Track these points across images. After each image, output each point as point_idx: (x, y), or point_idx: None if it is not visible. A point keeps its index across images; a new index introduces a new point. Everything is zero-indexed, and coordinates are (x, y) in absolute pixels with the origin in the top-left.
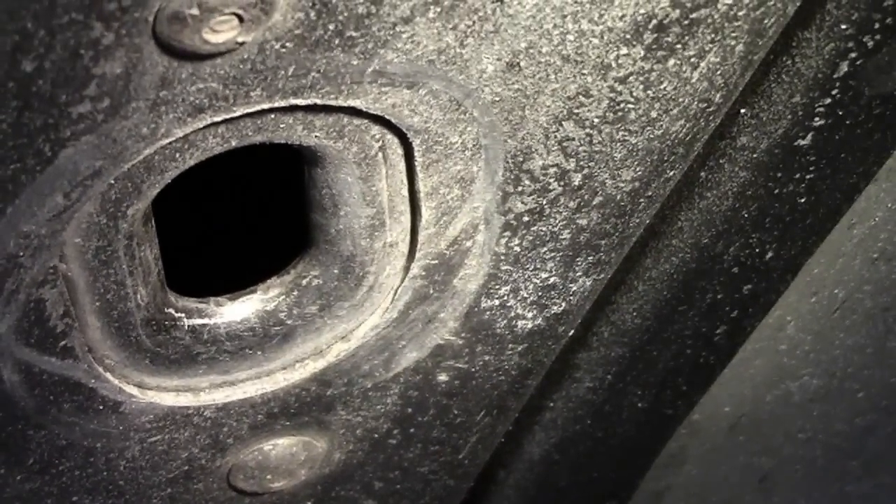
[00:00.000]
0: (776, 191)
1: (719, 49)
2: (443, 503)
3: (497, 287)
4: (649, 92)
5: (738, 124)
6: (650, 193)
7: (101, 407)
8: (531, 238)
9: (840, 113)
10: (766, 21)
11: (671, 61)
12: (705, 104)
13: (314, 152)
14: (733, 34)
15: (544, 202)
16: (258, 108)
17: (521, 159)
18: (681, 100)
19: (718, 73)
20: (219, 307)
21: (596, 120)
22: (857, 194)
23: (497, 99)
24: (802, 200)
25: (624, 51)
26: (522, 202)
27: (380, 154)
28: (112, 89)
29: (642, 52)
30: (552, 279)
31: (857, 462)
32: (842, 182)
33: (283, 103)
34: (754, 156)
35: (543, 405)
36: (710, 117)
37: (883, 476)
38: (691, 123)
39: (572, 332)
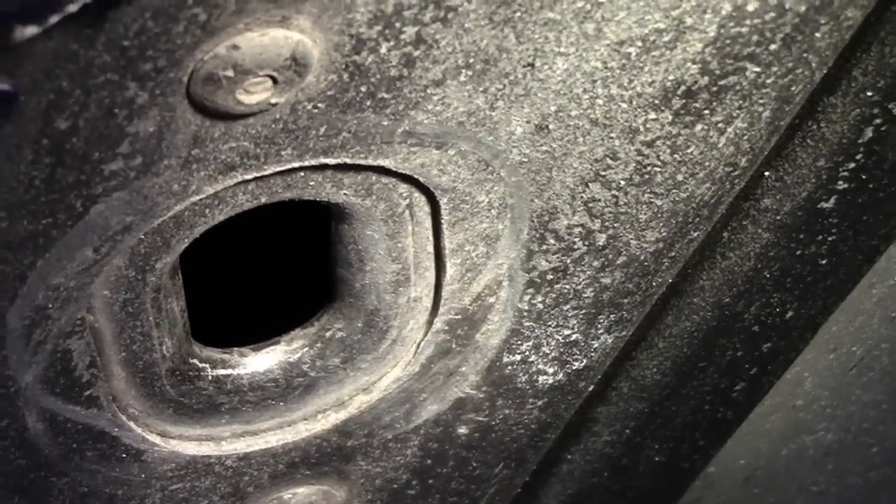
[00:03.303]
0: (798, 252)
1: (746, 115)
2: None
3: (519, 343)
4: (676, 156)
5: (763, 187)
6: (673, 254)
7: (123, 455)
8: (554, 295)
9: (864, 177)
10: (793, 88)
11: (698, 126)
12: (731, 168)
13: (342, 209)
14: (761, 100)
15: (568, 261)
16: (288, 166)
17: (546, 219)
18: (707, 164)
19: (745, 137)
20: (242, 358)
21: (622, 182)
22: (878, 256)
23: (525, 160)
24: (824, 262)
25: (652, 115)
26: (547, 260)
27: (407, 212)
28: (145, 147)
29: (670, 118)
30: (574, 336)
31: None
32: (863, 244)
33: (313, 162)
34: (777, 217)
35: (561, 457)
36: (735, 180)
37: None
38: (716, 186)
39: (592, 387)
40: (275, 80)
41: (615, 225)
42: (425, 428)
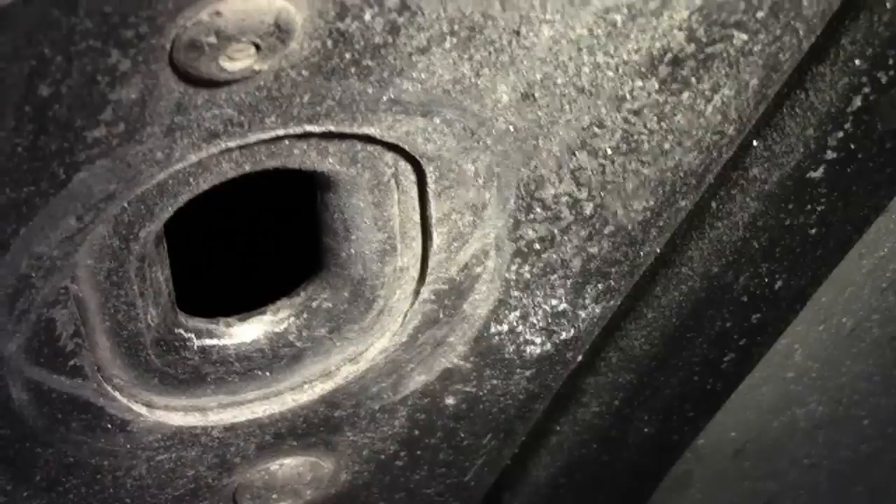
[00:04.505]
0: (787, 222)
1: (734, 83)
2: None
3: (506, 312)
4: (663, 124)
5: (751, 156)
6: (661, 223)
7: (109, 425)
8: (542, 265)
9: (852, 147)
10: (780, 56)
11: (685, 94)
12: (718, 136)
13: (327, 177)
14: (748, 69)
15: (556, 230)
16: (272, 134)
17: (533, 187)
18: (694, 132)
19: (732, 106)
20: (228, 328)
21: (609, 151)
22: (868, 226)
23: (511, 128)
24: (813, 232)
25: (639, 83)
26: (534, 230)
27: (392, 180)
28: (127, 114)
29: (657, 85)
30: (562, 306)
31: (862, 488)
32: (852, 214)
33: (297, 130)
34: (766, 187)
35: (550, 429)
36: (723, 149)
37: (885, 502)
38: (704, 155)
39: (580, 357)
40: (258, 47)
41: (602, 194)
42: (413, 398)
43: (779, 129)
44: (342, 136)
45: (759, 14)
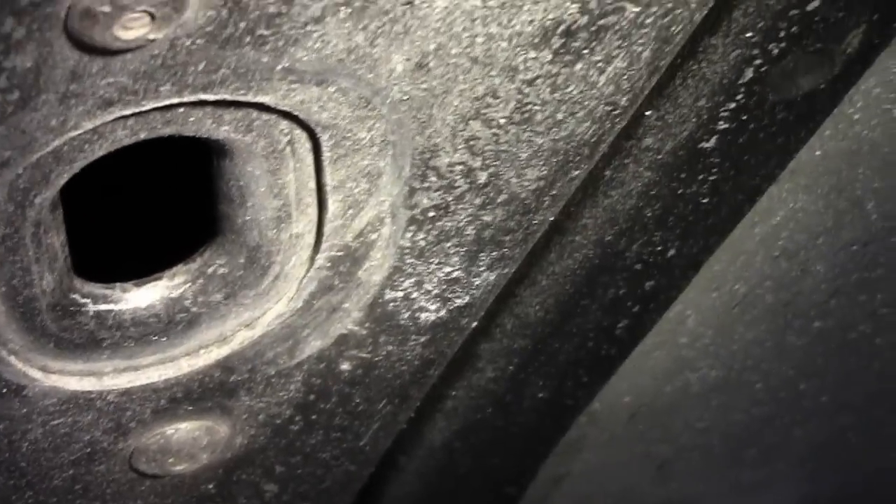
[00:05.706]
0: (679, 191)
1: (626, 54)
2: (343, 488)
3: (401, 279)
4: (556, 94)
5: (644, 126)
6: (555, 192)
7: (3, 390)
8: (436, 233)
9: (744, 117)
10: (672, 28)
11: (578, 65)
12: (611, 107)
13: (223, 145)
14: (640, 41)
15: (450, 198)
16: (167, 102)
17: (428, 156)
18: (587, 103)
19: (625, 77)
20: (124, 293)
21: (503, 120)
22: (760, 195)
23: (406, 97)
24: (705, 201)
25: (532, 54)
26: (428, 198)
27: (288, 148)
28: (22, 82)
29: (550, 56)
30: (456, 273)
31: (754, 451)
32: (745, 184)
33: (192, 98)
34: (659, 157)
35: (445, 394)
36: (616, 119)
37: (778, 464)
38: (597, 125)
39: (475, 323)
40: (152, 16)
41: (496, 163)
42: (308, 364)
43: (672, 99)
44: (237, 105)
45: None
